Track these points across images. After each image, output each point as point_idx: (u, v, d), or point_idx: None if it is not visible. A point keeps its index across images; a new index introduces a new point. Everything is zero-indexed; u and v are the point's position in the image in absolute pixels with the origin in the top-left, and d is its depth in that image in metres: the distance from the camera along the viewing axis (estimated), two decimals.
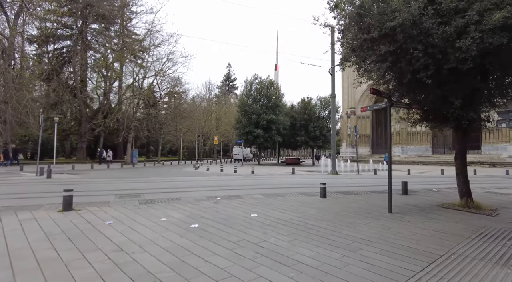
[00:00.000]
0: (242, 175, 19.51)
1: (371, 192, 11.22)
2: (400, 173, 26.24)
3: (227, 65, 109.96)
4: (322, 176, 20.35)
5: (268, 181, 15.20)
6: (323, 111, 42.18)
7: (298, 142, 40.28)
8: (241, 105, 38.61)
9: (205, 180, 15.73)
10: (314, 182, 14.61)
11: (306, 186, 13.06)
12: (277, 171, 25.26)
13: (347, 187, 12.84)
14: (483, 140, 47.65)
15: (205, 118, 55.28)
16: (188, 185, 13.12)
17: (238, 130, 39.13)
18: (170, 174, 21.28)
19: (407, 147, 54.46)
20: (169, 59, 41.44)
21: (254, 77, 40.31)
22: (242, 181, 15.01)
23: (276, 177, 18.16)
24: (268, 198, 9.19)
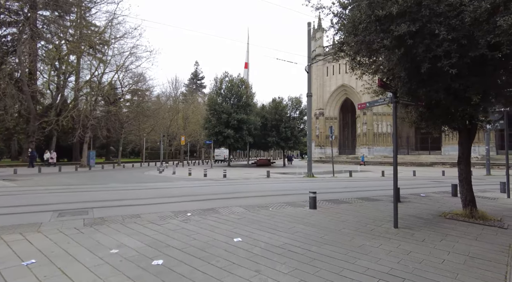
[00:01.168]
0: (213, 180, 17.77)
1: (360, 199, 10.10)
2: (373, 174, 25.94)
3: (195, 63, 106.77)
4: (299, 178, 19.21)
5: (244, 186, 13.66)
6: (294, 112, 41.44)
7: (269, 142, 39.13)
8: (211, 103, 36.64)
9: (172, 186, 13.81)
10: (295, 187, 13.34)
11: (288, 192, 11.72)
12: (250, 174, 23.77)
13: (331, 193, 11.66)
14: (443, 141, 49.85)
15: (171, 117, 52.41)
16: (151, 194, 11.18)
17: (207, 130, 37.09)
18: (131, 178, 18.98)
19: (374, 147, 55.58)
20: (132, 53, 38.40)
21: (224, 75, 38.55)
22: (215, 187, 13.33)
23: (251, 181, 16.67)
24: (250, 211, 7.65)
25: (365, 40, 6.17)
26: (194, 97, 72.95)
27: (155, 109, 48.31)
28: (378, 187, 14.23)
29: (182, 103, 61.91)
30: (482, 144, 44.73)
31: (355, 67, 8.81)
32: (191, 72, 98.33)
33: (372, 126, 55.43)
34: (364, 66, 8.43)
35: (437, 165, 44.47)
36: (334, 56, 8.30)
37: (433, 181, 18.97)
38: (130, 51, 38.43)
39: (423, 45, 5.42)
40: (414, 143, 62.07)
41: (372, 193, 11.73)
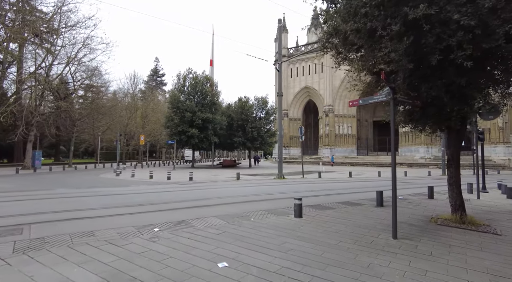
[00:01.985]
0: (179, 183, 16.29)
1: (342, 203, 9.48)
2: (339, 175, 26.05)
3: (155, 59, 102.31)
4: (270, 181, 18.41)
5: (215, 191, 12.45)
6: (261, 112, 40.81)
7: (235, 143, 38.04)
8: (173, 101, 34.63)
9: (132, 192, 12.19)
10: (269, 191, 12.47)
11: (264, 197, 10.79)
12: (217, 176, 22.53)
13: (309, 196, 10.94)
14: (400, 143, 52.46)
15: (129, 115, 49.15)
16: (107, 202, 9.58)
17: (169, 129, 35.02)
18: (83, 183, 16.83)
19: (335, 148, 56.89)
20: (85, 45, 35.12)
21: (188, 72, 36.71)
22: (183, 192, 11.97)
23: (221, 185, 15.50)
24: (229, 223, 6.58)
25: (364, 28, 5.44)
26: (154, 94, 69.51)
27: (111, 106, 44.85)
28: (353, 189, 13.89)
29: (141, 100, 58.56)
30: (434, 145, 47.73)
31: (342, 62, 8.14)
32: (151, 69, 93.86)
33: (334, 128, 56.70)
34: (352, 61, 7.79)
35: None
36: (323, 48, 7.53)
37: (400, 182, 19.24)
38: (83, 43, 35.16)
39: (433, 34, 4.80)
40: (372, 144, 64.83)
41: (351, 196, 11.24)
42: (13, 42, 33.01)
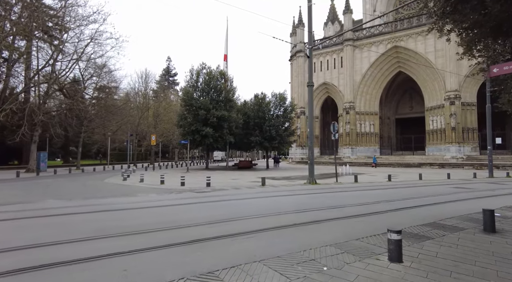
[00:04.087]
0: (194, 190, 13.60)
1: (429, 227, 6.56)
2: (373, 178, 22.94)
3: (167, 58, 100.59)
4: (301, 187, 15.53)
5: (242, 204, 9.32)
6: (279, 109, 37.96)
7: (252, 142, 35.29)
8: (186, 98, 32.16)
9: (136, 206, 9.44)
10: (311, 203, 9.62)
11: (313, 216, 7.96)
12: (237, 180, 19.80)
13: (369, 214, 8.01)
14: (427, 141, 48.65)
15: (140, 114, 47.11)
16: (98, 225, 6.79)
17: (182, 129, 32.59)
18: (82, 190, 14.40)
19: (357, 148, 53.55)
20: (93, 39, 33.10)
21: (201, 66, 34.17)
22: (201, 207, 9.01)
23: (245, 193, 12.68)
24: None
25: None
26: (166, 94, 67.67)
27: (121, 105, 42.88)
28: (411, 199, 10.89)
29: (153, 100, 56.67)
30: (466, 144, 43.85)
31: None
32: (163, 68, 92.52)
33: (355, 126, 53.32)
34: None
35: (424, 165, 42.93)
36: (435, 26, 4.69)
37: (454, 187, 16.06)
38: (91, 37, 33.14)
39: None
40: (395, 143, 60.98)
41: (425, 212, 8.33)
42: (20, 38, 31.32)
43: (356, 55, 53.47)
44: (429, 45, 45.84)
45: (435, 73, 45.64)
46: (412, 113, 57.76)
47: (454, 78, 42.92)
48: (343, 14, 55.30)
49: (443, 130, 45.40)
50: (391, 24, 50.85)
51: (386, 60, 51.31)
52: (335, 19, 62.93)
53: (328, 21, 62.13)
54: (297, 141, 56.76)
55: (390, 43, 49.65)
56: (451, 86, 43.17)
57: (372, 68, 52.11)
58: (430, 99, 47.53)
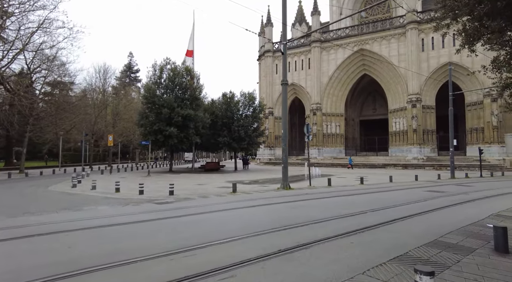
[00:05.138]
0: (154, 200, 11.79)
1: (434, 248, 5.62)
2: (345, 181, 22.41)
3: (129, 54, 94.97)
4: (276, 193, 14.31)
5: (212, 222, 7.65)
6: (248, 109, 36.70)
7: (220, 143, 33.65)
8: (148, 96, 29.75)
9: (75, 226, 6.97)
10: (291, 217, 8.42)
11: (297, 238, 6.74)
12: (205, 185, 18.13)
13: (359, 231, 6.95)
14: (390, 143, 50.16)
15: (98, 112, 43.37)
16: (8, 267, 5.03)
17: (143, 128, 30.13)
18: (13, 202, 11.98)
19: (323, 148, 53.95)
20: (41, 27, 29.46)
21: (165, 62, 31.89)
22: (160, 227, 7.43)
23: (215, 203, 11.08)
24: None
25: None
26: (127, 91, 63.56)
27: (75, 101, 39.09)
28: (393, 207, 10.13)
29: (112, 97, 52.77)
30: (426, 145, 45.68)
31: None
32: (124, 64, 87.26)
33: (321, 127, 53.67)
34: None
35: (389, 166, 44.02)
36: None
37: (428, 190, 15.82)
38: (39, 24, 29.46)
39: None
40: (359, 144, 62.46)
41: (419, 226, 7.50)
42: None
43: (323, 57, 53.85)
44: (393, 49, 47.24)
45: (398, 77, 47.11)
46: (375, 115, 59.47)
47: (416, 82, 44.53)
48: (311, 15, 55.45)
49: (405, 132, 46.95)
50: (357, 27, 51.79)
51: (352, 63, 52.22)
52: (303, 21, 63.04)
53: (296, 22, 62.04)
54: (266, 141, 55.90)
55: (356, 46, 50.52)
56: (413, 90, 44.74)
57: (338, 70, 52.74)
58: (394, 102, 49.02)
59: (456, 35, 7.04)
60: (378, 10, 57.53)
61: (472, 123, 42.72)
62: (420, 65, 44.15)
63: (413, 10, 44.63)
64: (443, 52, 43.39)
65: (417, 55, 44.35)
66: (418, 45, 44.60)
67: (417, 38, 44.62)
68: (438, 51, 43.78)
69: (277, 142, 59.09)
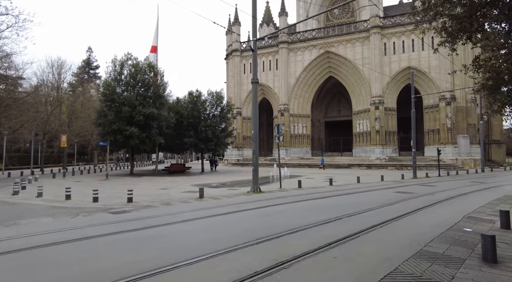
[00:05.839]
0: (110, 210, 10.49)
1: (426, 261, 5.18)
2: (313, 182, 22.22)
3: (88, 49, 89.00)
4: (246, 197, 13.52)
5: (177, 241, 6.49)
6: (215, 109, 35.61)
7: (185, 144, 32.19)
8: (107, 93, 27.61)
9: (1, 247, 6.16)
10: (267, 226, 7.70)
11: (272, 251, 6.00)
12: (168, 190, 16.86)
13: (341, 241, 6.41)
14: (354, 143, 51.62)
15: (51, 110, 39.74)
16: None
17: (101, 128, 27.92)
18: None
19: (291, 149, 54.24)
20: None
21: (126, 57, 29.84)
22: (112, 246, 6.08)
23: (179, 211, 9.99)
24: None
25: None
26: (85, 88, 59.35)
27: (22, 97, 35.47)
28: (368, 209, 9.84)
29: (69, 94, 48.89)
30: (388, 146, 47.50)
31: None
32: (83, 60, 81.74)
33: (289, 128, 53.86)
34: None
35: (353, 166, 45.12)
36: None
37: (396, 191, 15.96)
38: None
39: None
40: (325, 144, 63.71)
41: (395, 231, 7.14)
42: None
43: (290, 58, 54.12)
44: (357, 52, 48.59)
45: (362, 79, 48.56)
46: (340, 116, 60.98)
47: (379, 85, 46.14)
48: (278, 16, 55.49)
49: (368, 133, 48.47)
50: (323, 30, 52.68)
51: (319, 65, 53.04)
52: (270, 21, 63.04)
53: (263, 23, 61.84)
54: (234, 142, 55.01)
55: (322, 48, 51.35)
56: (376, 92, 46.29)
57: (305, 72, 53.30)
58: (358, 103, 50.48)
59: (436, 34, 6.75)
60: (343, 14, 59.01)
61: (429, 125, 45.11)
62: (383, 68, 45.77)
63: (376, 15, 46.23)
64: (404, 56, 45.40)
65: (380, 59, 45.94)
66: (380, 49, 46.23)
67: (380, 43, 46.23)
68: (399, 56, 45.72)
69: (245, 142, 58.46)
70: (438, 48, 7.15)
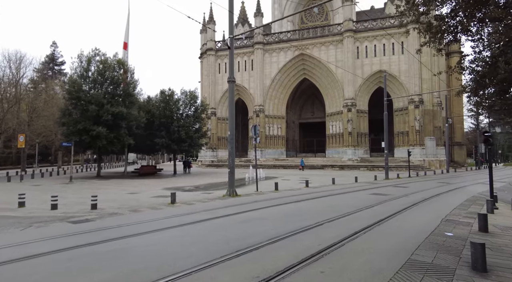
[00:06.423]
0: (71, 218, 9.43)
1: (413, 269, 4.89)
2: (290, 183, 21.99)
3: (52, 43, 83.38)
4: (222, 202, 12.86)
5: (143, 258, 5.21)
6: (189, 109, 34.50)
7: (157, 144, 30.82)
8: (73, 90, 25.78)
9: None
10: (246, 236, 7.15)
11: (255, 269, 5.43)
12: (138, 194, 15.81)
13: (327, 250, 5.99)
14: (327, 144, 52.36)
15: (7, 108, 36.69)
16: None
17: (65, 127, 26.04)
18: None
19: (266, 150, 54.04)
20: None
21: (94, 53, 28.06)
22: (68, 266, 4.87)
23: (149, 220, 9.14)
24: None
25: None
26: (49, 84, 55.63)
27: None
28: (346, 213, 9.60)
29: (30, 91, 45.52)
30: (360, 147, 48.60)
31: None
32: (46, 55, 76.70)
33: (264, 129, 53.61)
34: None
35: (327, 167, 45.66)
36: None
37: (372, 193, 16.02)
38: None
39: None
40: (299, 145, 64.23)
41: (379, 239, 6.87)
42: None
43: (266, 59, 53.96)
44: (331, 55, 49.31)
45: (335, 82, 49.35)
46: (314, 118, 61.71)
47: (351, 87, 47.09)
48: (254, 16, 55.15)
49: (341, 135, 49.33)
50: (298, 32, 53.02)
51: (294, 67, 53.30)
52: (246, 22, 62.63)
53: (238, 23, 61.26)
54: (208, 143, 53.94)
55: (297, 50, 51.64)
56: (349, 95, 47.19)
57: (280, 73, 53.37)
58: (331, 105, 51.26)
59: (421, 34, 6.56)
60: (317, 17, 59.78)
61: (399, 127, 46.65)
62: (355, 71, 46.73)
63: (349, 19, 47.15)
64: (375, 60, 46.64)
65: (352, 62, 46.87)
66: (353, 53, 47.20)
67: (353, 46, 47.19)
68: (371, 60, 46.92)
69: (220, 143, 57.52)
70: (421, 48, 7.01)
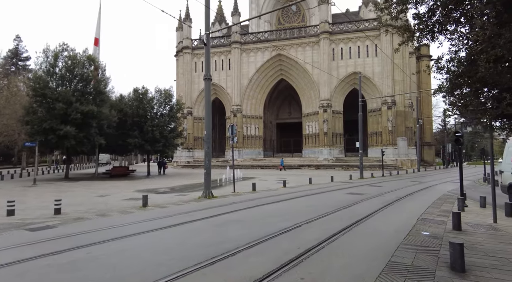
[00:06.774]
0: (30, 225, 8.61)
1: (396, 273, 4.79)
2: (268, 183, 21.82)
3: (15, 37, 78.30)
4: (197, 204, 12.38)
5: (107, 271, 4.73)
6: (164, 108, 33.52)
7: (129, 145, 29.62)
8: (38, 87, 24.19)
9: None
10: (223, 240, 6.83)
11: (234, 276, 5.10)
12: (107, 197, 14.95)
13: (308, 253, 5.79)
14: (303, 145, 52.92)
15: None
16: None
17: (29, 126, 24.40)
18: None
19: (243, 150, 53.79)
20: None
21: (62, 48, 26.49)
22: (13, 278, 4.52)
23: (118, 225, 8.47)
24: None
25: None
26: (12, 81, 52.19)
27: None
28: (325, 214, 9.53)
29: None
30: (335, 147, 49.47)
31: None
32: (9, 49, 72.03)
33: (242, 129, 53.29)
34: None
35: (303, 167, 46.07)
36: None
37: (348, 193, 16.16)
38: None
39: None
40: (276, 145, 64.49)
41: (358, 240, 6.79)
42: None
43: (243, 59, 53.65)
44: (307, 56, 49.82)
45: (312, 83, 49.95)
46: (291, 118, 62.20)
47: (327, 88, 47.84)
48: (231, 15, 54.73)
49: (317, 135, 50.00)
50: (276, 33, 53.15)
51: (271, 67, 53.40)
52: (223, 21, 62.06)
53: (215, 21, 60.60)
54: (184, 143, 52.82)
55: (275, 50, 51.75)
56: (325, 96, 47.92)
57: (258, 74, 53.27)
58: (307, 106, 51.84)
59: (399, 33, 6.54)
60: (294, 18, 60.27)
61: (372, 128, 47.94)
62: (331, 73, 47.49)
63: (325, 21, 47.87)
64: (350, 62, 47.66)
65: (328, 64, 47.60)
66: (329, 54, 47.96)
67: (328, 48, 47.93)
68: (346, 61, 47.89)
69: (196, 143, 56.55)
70: (398, 48, 7.05)
